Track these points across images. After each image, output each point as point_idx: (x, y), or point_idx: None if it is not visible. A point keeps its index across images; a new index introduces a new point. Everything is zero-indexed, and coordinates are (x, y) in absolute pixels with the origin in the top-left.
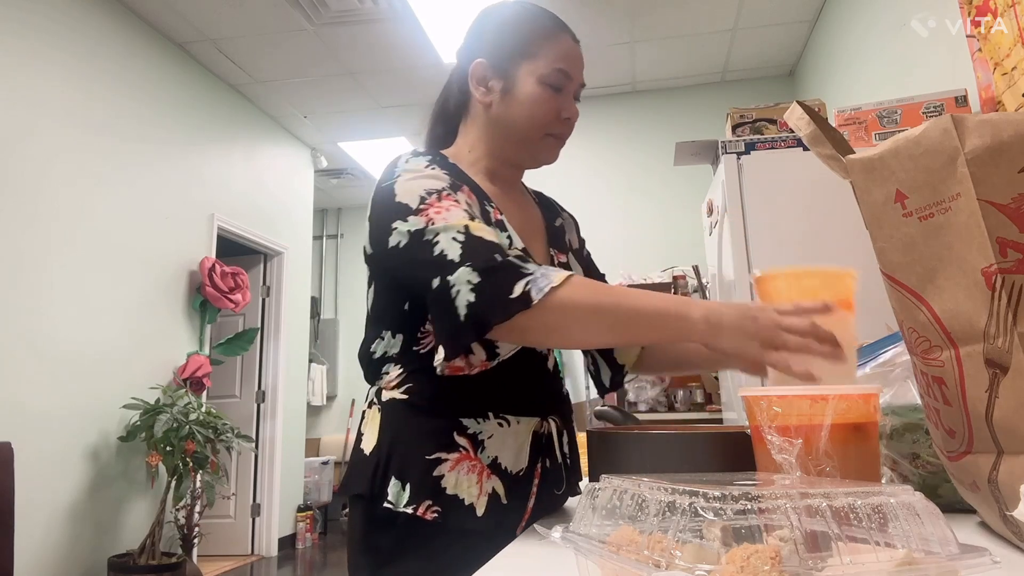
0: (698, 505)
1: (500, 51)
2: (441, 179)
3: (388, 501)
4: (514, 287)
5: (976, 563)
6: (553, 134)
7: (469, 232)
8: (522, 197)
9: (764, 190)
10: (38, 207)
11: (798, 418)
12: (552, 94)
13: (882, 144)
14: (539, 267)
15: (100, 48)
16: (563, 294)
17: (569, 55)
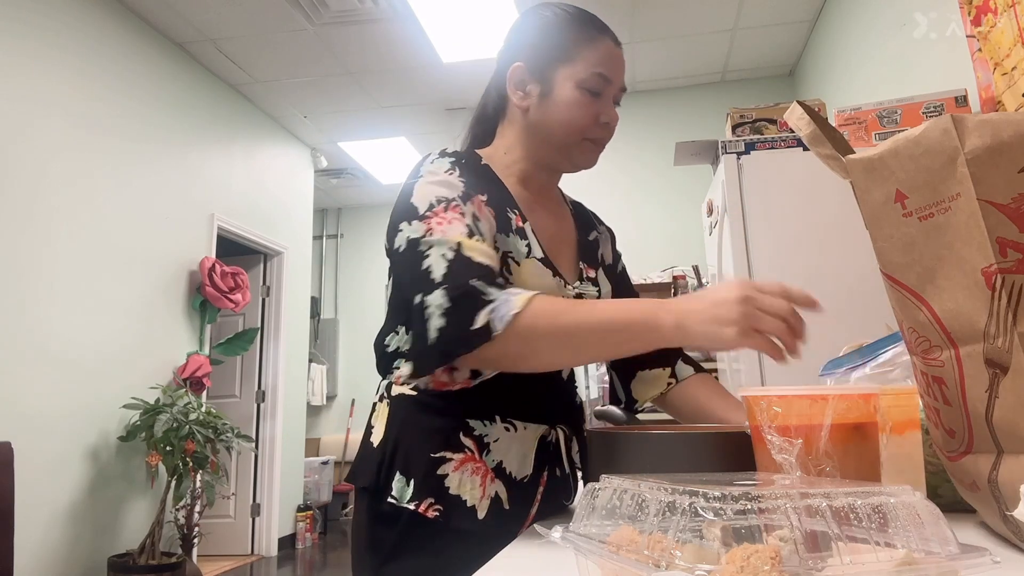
0: (698, 505)
1: (538, 55)
2: (455, 187)
3: (392, 496)
4: (476, 317)
5: (976, 563)
6: (591, 139)
7: (459, 250)
8: (557, 206)
9: (764, 190)
10: (38, 207)
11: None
12: (591, 99)
13: (882, 144)
14: (503, 292)
15: (100, 48)
16: (524, 321)
17: (609, 59)
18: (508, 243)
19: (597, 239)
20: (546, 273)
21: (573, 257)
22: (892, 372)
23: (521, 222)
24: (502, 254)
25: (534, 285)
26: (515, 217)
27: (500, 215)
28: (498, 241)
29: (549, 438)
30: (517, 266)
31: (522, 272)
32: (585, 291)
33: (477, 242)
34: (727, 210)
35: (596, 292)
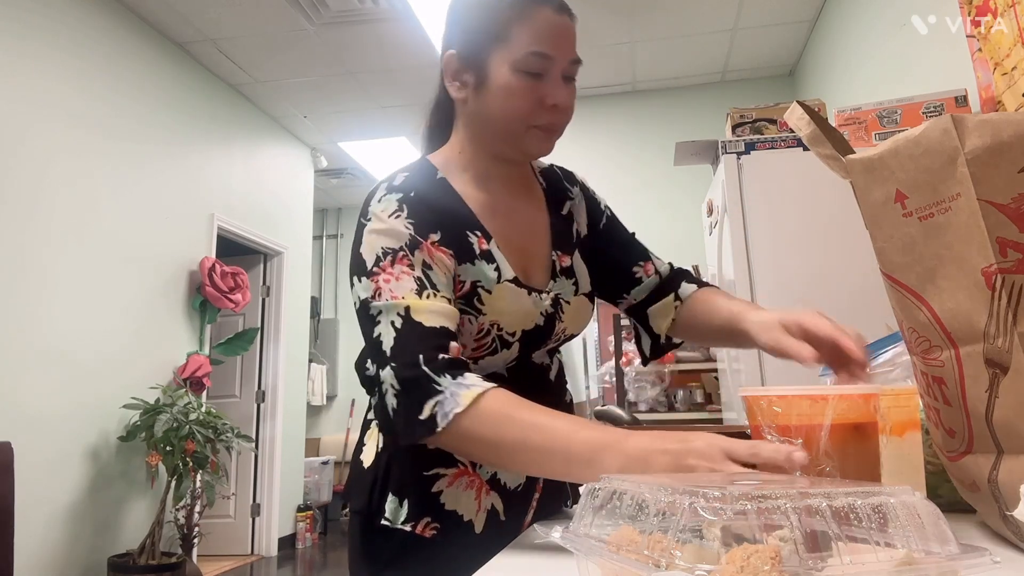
0: (698, 505)
1: (470, 40)
2: (400, 236)
3: (386, 518)
4: (424, 407)
5: (976, 563)
6: (538, 125)
7: (408, 316)
8: (525, 194)
9: (764, 190)
10: (38, 207)
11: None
12: (530, 81)
13: (882, 144)
14: (453, 382)
15: (100, 48)
16: (466, 424)
17: (548, 32)
18: (475, 272)
19: (571, 211)
20: (521, 294)
21: (546, 251)
22: (892, 372)
23: (485, 242)
24: (470, 285)
25: (510, 309)
26: (478, 239)
27: (461, 244)
28: (462, 274)
29: None
30: (489, 294)
31: (494, 300)
32: (561, 290)
33: (428, 300)
34: (727, 210)
35: (572, 286)
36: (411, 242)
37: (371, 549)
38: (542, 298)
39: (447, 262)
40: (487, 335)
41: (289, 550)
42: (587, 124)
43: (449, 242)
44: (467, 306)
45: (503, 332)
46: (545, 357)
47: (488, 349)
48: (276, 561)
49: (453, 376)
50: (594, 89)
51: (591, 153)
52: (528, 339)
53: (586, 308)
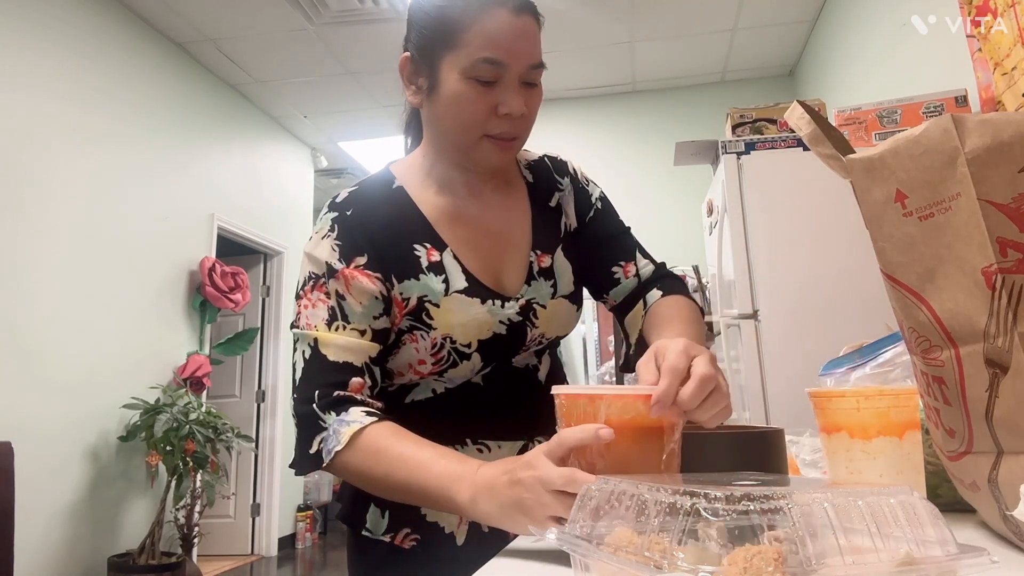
0: (700, 506)
1: (423, 43)
2: (319, 263)
3: (367, 528)
4: (313, 442)
5: (975, 563)
6: (492, 135)
7: (316, 348)
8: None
9: (764, 190)
10: (38, 206)
11: (578, 418)
12: (480, 89)
13: (882, 144)
14: (337, 419)
15: (100, 48)
16: (344, 459)
17: (500, 37)
18: (420, 287)
19: (560, 203)
20: (472, 303)
21: (523, 253)
22: (892, 372)
23: (437, 253)
24: (416, 300)
25: (460, 321)
26: (427, 251)
27: (401, 261)
28: (405, 291)
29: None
30: (437, 307)
31: (442, 313)
32: (535, 295)
33: (336, 333)
34: (727, 210)
35: (549, 289)
36: (328, 271)
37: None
38: (505, 307)
39: (368, 287)
40: (441, 348)
41: (289, 550)
42: (587, 124)
43: (381, 264)
44: (416, 322)
45: (457, 344)
46: (532, 358)
47: (447, 362)
48: (276, 561)
49: (338, 413)
50: (594, 89)
51: (591, 153)
52: (489, 349)
53: (566, 311)
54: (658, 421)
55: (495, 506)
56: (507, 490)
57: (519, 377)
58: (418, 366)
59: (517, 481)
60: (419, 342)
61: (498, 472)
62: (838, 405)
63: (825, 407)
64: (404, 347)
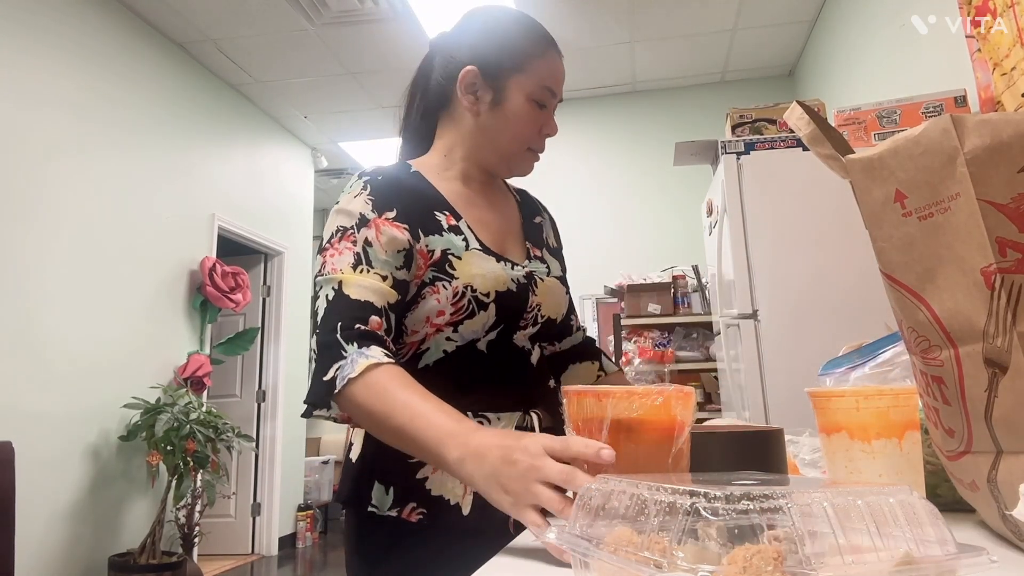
0: (699, 505)
1: (492, 62)
2: (352, 214)
3: (372, 505)
4: (329, 370)
5: (974, 562)
6: (533, 148)
7: (339, 290)
8: (501, 197)
9: (764, 190)
10: (38, 207)
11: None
12: (538, 111)
13: (881, 144)
14: (357, 350)
15: (100, 48)
16: (354, 389)
17: (556, 72)
18: (443, 241)
19: (541, 224)
20: (489, 259)
21: (520, 241)
22: (892, 372)
23: (454, 220)
24: (440, 253)
25: (481, 272)
26: (446, 217)
27: (425, 220)
28: (430, 244)
29: (524, 424)
30: (459, 259)
31: (464, 264)
32: (535, 268)
33: (360, 275)
34: (727, 210)
35: (545, 269)
36: (360, 220)
37: (362, 538)
38: (514, 268)
39: (398, 236)
40: (462, 297)
41: (289, 549)
42: (587, 124)
43: (409, 218)
44: (439, 272)
45: (477, 293)
46: (526, 343)
47: (466, 312)
48: (276, 560)
49: (359, 345)
50: (594, 89)
51: (591, 153)
52: (503, 303)
53: (559, 291)
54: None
55: (480, 474)
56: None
57: (517, 355)
58: (436, 317)
59: (512, 462)
60: (440, 292)
61: (493, 443)
62: (838, 405)
63: (825, 407)
64: (424, 300)
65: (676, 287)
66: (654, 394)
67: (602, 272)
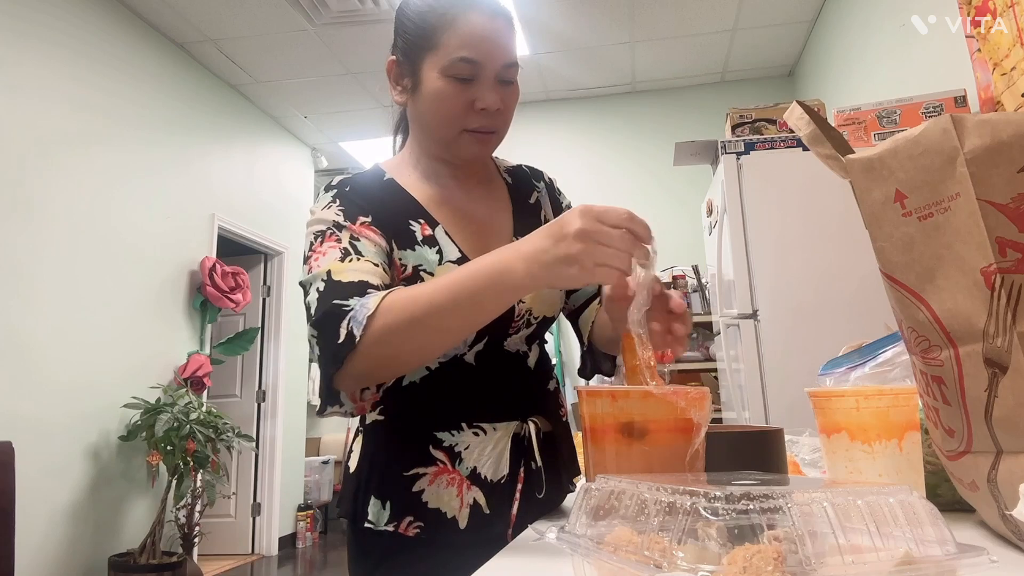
0: (699, 506)
1: (406, 46)
2: (326, 221)
3: (369, 520)
4: (339, 330)
5: (974, 562)
6: (470, 129)
7: (330, 278)
8: (480, 186)
9: (764, 190)
10: (38, 206)
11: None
12: (459, 86)
13: (881, 144)
14: (360, 300)
15: (100, 48)
16: (380, 320)
17: (475, 38)
18: (416, 256)
19: (538, 200)
20: None
21: (507, 238)
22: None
23: (429, 228)
24: (412, 269)
25: None
26: (420, 227)
27: (399, 231)
28: (403, 258)
29: (522, 434)
30: (431, 276)
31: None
32: None
33: (349, 263)
34: (727, 210)
35: None
36: (336, 224)
37: (360, 553)
38: None
39: (375, 238)
40: None
41: (290, 549)
42: (587, 124)
43: (383, 226)
44: None
45: None
46: (522, 344)
47: None
48: (276, 560)
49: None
50: (594, 89)
51: (591, 153)
52: None
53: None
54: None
55: (546, 265)
56: (551, 243)
57: (510, 361)
58: None
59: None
60: None
61: (541, 234)
62: (838, 405)
63: (825, 407)
64: None
65: (676, 287)
66: (670, 395)
67: None
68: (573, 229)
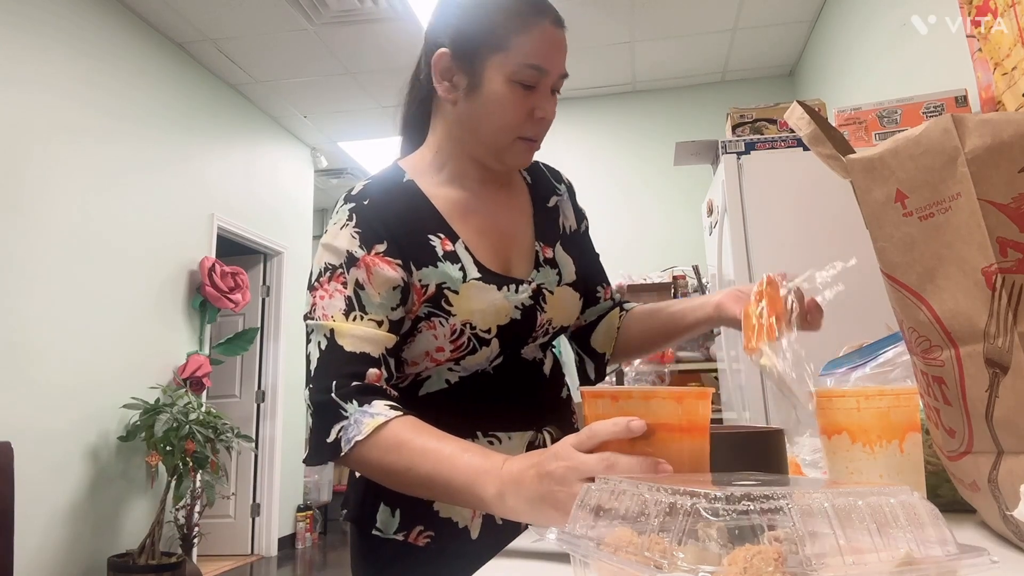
0: (700, 506)
1: (465, 41)
2: (339, 252)
3: (377, 528)
4: (331, 431)
5: (975, 563)
6: (525, 136)
7: (332, 339)
8: (505, 189)
9: (764, 190)
10: (38, 206)
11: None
12: (523, 93)
13: (882, 144)
14: (359, 409)
15: (100, 48)
16: (363, 451)
17: (546, 46)
18: (439, 274)
19: (558, 205)
20: (489, 290)
21: (528, 242)
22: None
23: (450, 243)
24: (435, 287)
25: (479, 307)
26: (441, 241)
27: (419, 249)
28: (424, 278)
29: (536, 443)
30: (456, 294)
31: (462, 299)
32: (543, 280)
33: (353, 323)
34: (727, 210)
35: (555, 276)
36: (348, 259)
37: (367, 558)
38: (518, 291)
39: (388, 274)
40: (461, 335)
41: (289, 550)
42: (587, 124)
43: (399, 251)
44: (436, 308)
45: (477, 330)
46: (537, 352)
47: (467, 349)
48: (276, 561)
49: (360, 403)
50: (594, 89)
51: (591, 153)
52: (506, 334)
53: (571, 298)
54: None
55: (523, 501)
56: (536, 484)
57: (527, 369)
58: (436, 353)
59: (547, 474)
60: (437, 329)
61: (525, 466)
62: (838, 405)
63: (825, 407)
64: (420, 335)
65: (676, 287)
66: (673, 396)
67: None
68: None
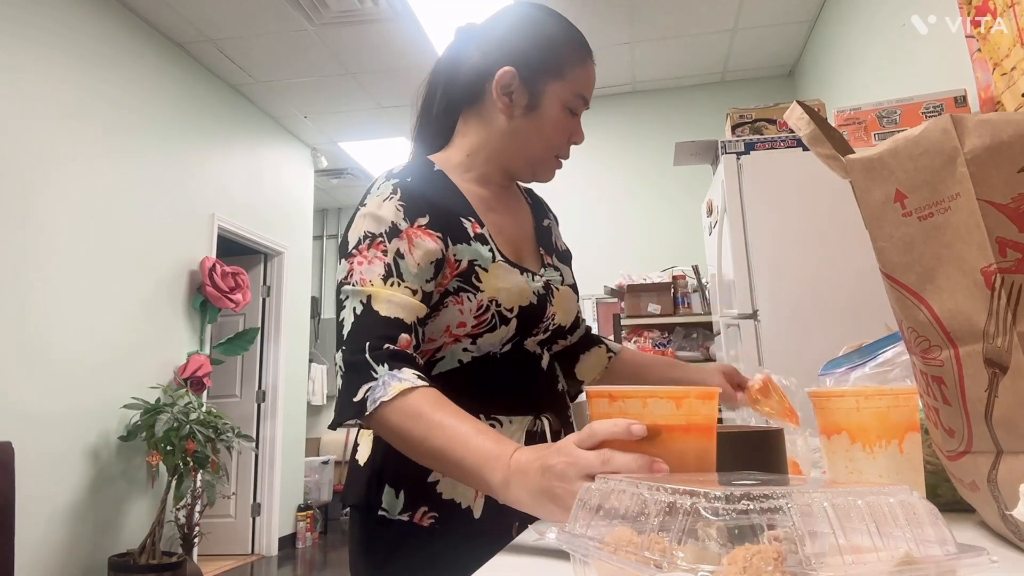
0: (699, 506)
1: (532, 65)
2: (383, 221)
3: (382, 509)
4: (359, 390)
5: (974, 563)
6: (559, 156)
7: (368, 304)
8: (515, 200)
9: (764, 190)
10: (38, 206)
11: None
12: (569, 119)
13: (882, 144)
14: (388, 372)
15: (100, 48)
16: (385, 413)
17: (592, 81)
18: (471, 251)
19: (550, 226)
20: (513, 272)
21: (534, 247)
22: (892, 372)
23: (479, 227)
24: (467, 263)
25: (506, 286)
26: (471, 224)
27: (454, 227)
28: (458, 253)
29: (535, 429)
30: (485, 272)
31: (491, 277)
32: (551, 277)
33: (390, 288)
34: (727, 210)
35: (559, 277)
36: (391, 230)
37: (370, 542)
38: (534, 279)
39: (430, 246)
40: (486, 311)
41: (289, 550)
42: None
43: (440, 226)
44: (465, 283)
45: (502, 308)
46: (536, 347)
47: (487, 325)
48: (276, 561)
49: (391, 367)
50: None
51: (591, 153)
52: (525, 316)
53: (572, 300)
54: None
55: (525, 492)
56: (538, 477)
57: (529, 360)
58: (456, 328)
59: (548, 468)
60: (464, 304)
61: (531, 458)
62: (838, 405)
63: (825, 407)
64: (446, 310)
65: (676, 287)
66: (674, 396)
67: (602, 272)
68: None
